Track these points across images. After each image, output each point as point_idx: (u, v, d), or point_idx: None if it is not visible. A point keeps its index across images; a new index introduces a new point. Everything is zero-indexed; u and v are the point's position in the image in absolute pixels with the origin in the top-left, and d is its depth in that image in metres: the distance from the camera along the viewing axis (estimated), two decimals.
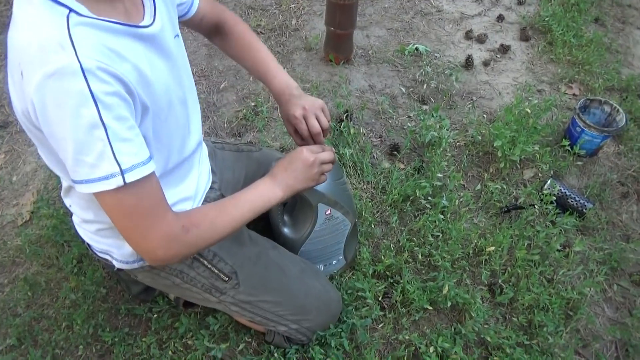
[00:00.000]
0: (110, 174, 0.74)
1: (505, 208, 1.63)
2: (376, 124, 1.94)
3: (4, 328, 1.39)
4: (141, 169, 0.77)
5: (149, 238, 0.82)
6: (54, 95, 0.69)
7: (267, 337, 1.30)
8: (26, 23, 0.72)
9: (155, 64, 0.86)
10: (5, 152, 1.88)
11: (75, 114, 0.70)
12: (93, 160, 0.73)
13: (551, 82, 2.13)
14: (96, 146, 0.72)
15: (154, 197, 0.82)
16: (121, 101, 0.74)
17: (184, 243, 0.86)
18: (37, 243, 1.56)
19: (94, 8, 0.74)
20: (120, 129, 0.73)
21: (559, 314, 1.37)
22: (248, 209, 0.95)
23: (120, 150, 0.73)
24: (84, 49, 0.70)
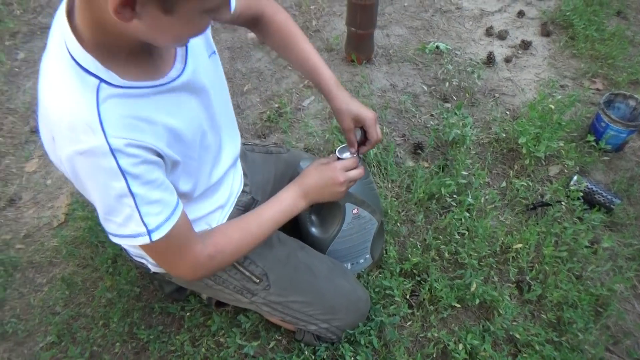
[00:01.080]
0: (137, 234, 0.79)
1: (532, 205, 1.63)
2: (399, 123, 1.95)
3: (44, 326, 1.44)
4: (167, 224, 0.81)
5: (178, 269, 0.92)
6: (84, 168, 0.74)
7: (297, 335, 1.33)
8: (56, 90, 0.73)
9: (186, 106, 0.88)
10: (39, 156, 1.94)
11: (105, 186, 0.74)
12: (121, 221, 0.78)
13: (574, 77, 2.12)
14: (124, 211, 0.77)
15: (182, 236, 0.87)
16: (150, 166, 0.78)
17: (210, 268, 0.95)
18: (73, 244, 1.61)
19: (123, 73, 0.75)
20: (148, 193, 0.78)
21: (588, 311, 1.37)
22: (271, 226, 1.02)
23: (147, 213, 0.78)
24: (113, 129, 0.72)
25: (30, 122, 2.05)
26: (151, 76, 0.80)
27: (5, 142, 1.98)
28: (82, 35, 0.71)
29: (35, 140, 1.99)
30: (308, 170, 1.10)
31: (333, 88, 1.13)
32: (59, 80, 0.73)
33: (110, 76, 0.73)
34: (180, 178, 0.90)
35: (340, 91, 1.13)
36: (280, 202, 1.04)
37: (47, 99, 0.74)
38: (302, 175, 1.09)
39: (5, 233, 1.70)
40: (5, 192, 1.82)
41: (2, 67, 2.27)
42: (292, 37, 1.15)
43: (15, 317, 1.47)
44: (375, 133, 1.13)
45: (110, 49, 0.74)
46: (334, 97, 1.12)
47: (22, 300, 1.52)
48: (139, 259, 1.13)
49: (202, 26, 0.73)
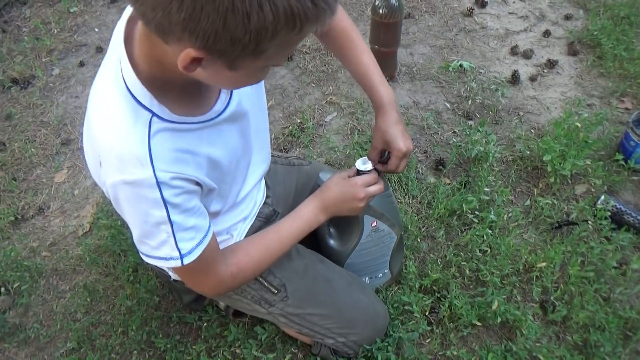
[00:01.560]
0: (169, 257, 0.82)
1: (557, 224, 1.59)
2: (421, 140, 1.94)
3: (65, 332, 1.46)
4: (198, 249, 0.84)
5: (202, 287, 0.97)
6: (128, 196, 0.76)
7: (313, 349, 1.31)
8: (109, 119, 0.74)
9: (227, 135, 0.89)
10: (68, 167, 2.00)
11: (145, 214, 0.77)
12: (155, 245, 0.81)
13: (601, 97, 2.08)
14: (160, 236, 0.80)
15: (210, 259, 0.89)
16: (189, 195, 0.81)
17: (232, 286, 1.01)
18: (96, 252, 1.65)
19: (173, 107, 0.76)
20: (184, 221, 0.80)
21: (616, 334, 1.31)
22: (291, 241, 1.05)
23: (182, 239, 0.81)
24: (161, 163, 0.74)
25: (61, 134, 2.13)
26: (199, 111, 0.82)
27: (37, 154, 2.05)
28: (138, 66, 0.73)
29: (65, 152, 2.06)
30: (328, 185, 1.11)
31: (385, 105, 1.10)
32: (112, 109, 0.74)
33: (162, 111, 0.75)
34: (213, 201, 0.93)
35: (390, 110, 1.10)
36: (300, 217, 1.07)
37: (97, 125, 0.76)
38: (323, 189, 1.10)
39: (32, 241, 1.74)
40: (34, 201, 1.88)
41: (38, 82, 2.37)
42: (354, 47, 1.13)
43: (37, 323, 1.50)
44: (395, 164, 1.11)
45: (164, 84, 0.75)
46: (382, 114, 1.10)
47: (45, 307, 1.55)
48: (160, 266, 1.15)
49: (262, 76, 0.76)
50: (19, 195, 1.90)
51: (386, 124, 1.10)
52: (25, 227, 1.79)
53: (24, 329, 1.49)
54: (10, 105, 2.27)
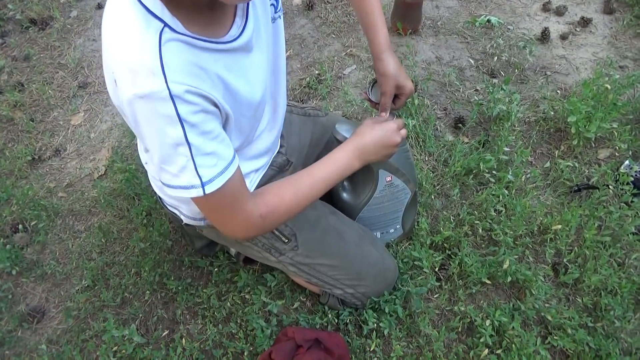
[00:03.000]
0: (190, 185, 0.78)
1: (576, 187, 1.55)
2: (441, 96, 1.89)
3: (81, 270, 1.50)
4: (221, 178, 0.80)
5: (230, 226, 0.90)
6: (144, 113, 0.73)
7: (321, 298, 1.33)
8: (119, 32, 0.72)
9: (243, 64, 0.86)
10: (85, 110, 2.00)
11: (162, 133, 0.74)
12: (175, 172, 0.78)
13: (636, 58, 1.98)
14: (179, 161, 0.76)
15: (235, 193, 0.85)
16: (207, 115, 0.77)
17: (262, 228, 0.94)
18: (111, 195, 1.67)
19: (186, 22, 0.74)
20: (203, 144, 0.77)
21: (628, 299, 1.30)
22: (323, 186, 0.99)
23: (202, 164, 0.77)
24: (173, 74, 0.71)
25: (79, 77, 2.12)
26: (214, 33, 0.79)
27: (54, 96, 2.05)
28: None
29: (82, 95, 2.06)
30: (364, 130, 1.06)
31: (385, 49, 1.12)
32: (123, 22, 0.72)
33: (175, 22, 0.72)
34: (231, 134, 0.89)
35: (390, 55, 1.12)
36: (334, 162, 1.01)
37: (109, 41, 0.74)
38: (358, 135, 1.05)
39: (49, 181, 1.77)
40: (51, 142, 1.89)
41: (55, 24, 2.35)
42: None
43: (54, 260, 1.54)
44: (403, 103, 1.18)
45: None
46: (384, 59, 1.12)
47: (62, 245, 1.59)
48: (173, 209, 1.15)
49: None
50: (36, 137, 1.91)
51: (394, 69, 1.11)
52: (42, 167, 1.82)
53: (41, 265, 1.53)
54: (28, 46, 2.26)
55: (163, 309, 1.40)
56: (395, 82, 1.12)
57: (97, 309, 1.41)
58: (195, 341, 1.32)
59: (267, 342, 1.27)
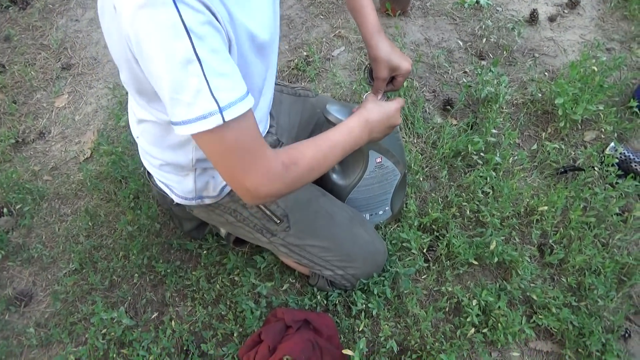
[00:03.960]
0: (208, 113, 0.71)
1: (562, 169, 1.56)
2: (430, 78, 1.88)
3: (68, 253, 1.49)
4: (239, 105, 0.74)
5: (251, 175, 0.80)
6: (146, 28, 0.68)
7: (311, 280, 1.33)
8: None
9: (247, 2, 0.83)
10: (69, 92, 1.96)
11: (169, 50, 0.68)
12: (190, 99, 0.71)
13: (622, 41, 1.99)
14: (192, 83, 0.70)
15: (253, 133, 0.79)
16: (214, 31, 0.72)
17: (285, 180, 0.84)
18: (97, 178, 1.65)
19: None
20: (215, 63, 0.71)
21: (611, 278, 1.32)
22: (340, 151, 0.94)
23: (217, 87, 0.71)
24: None
25: (61, 58, 2.07)
26: None
27: (37, 77, 2.01)
28: None
29: (65, 76, 2.01)
30: (369, 107, 1.03)
31: (374, 34, 1.11)
32: None
33: None
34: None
35: (381, 39, 1.11)
36: (349, 131, 0.97)
37: None
38: (367, 110, 1.02)
39: (34, 164, 1.74)
40: (35, 125, 1.86)
41: (36, 3, 2.28)
42: None
43: (40, 244, 1.53)
44: (401, 83, 1.17)
45: None
46: (375, 44, 1.11)
47: (48, 229, 1.57)
48: (163, 187, 1.14)
49: None
50: (19, 119, 1.88)
51: (387, 52, 1.10)
52: (26, 150, 1.78)
53: (27, 248, 1.52)
54: (9, 26, 2.20)
55: (152, 292, 1.40)
56: (388, 65, 1.11)
57: (85, 292, 1.41)
58: (185, 323, 1.33)
59: (257, 323, 1.28)
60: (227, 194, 1.11)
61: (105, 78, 1.99)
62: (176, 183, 1.09)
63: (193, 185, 1.07)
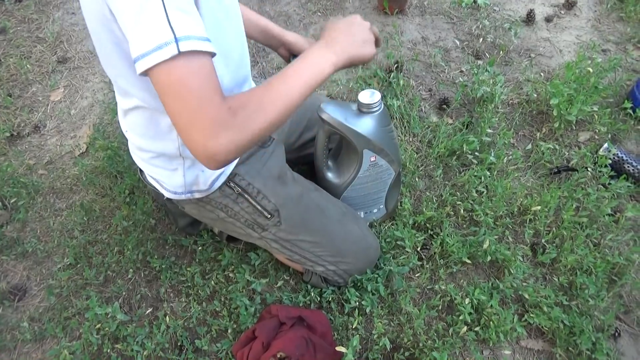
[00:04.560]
0: (164, 42, 0.69)
1: (556, 169, 1.58)
2: (427, 77, 1.89)
3: (62, 248, 1.49)
4: (198, 42, 0.72)
5: (196, 126, 0.74)
6: None
7: (304, 276, 1.34)
8: None
9: None
10: (64, 86, 1.95)
11: None
12: (148, 29, 0.70)
13: (618, 42, 2.00)
14: (151, 12, 0.70)
15: (206, 78, 0.75)
16: None
17: (233, 127, 0.76)
18: (93, 173, 1.64)
19: None
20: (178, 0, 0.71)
21: (602, 278, 1.33)
22: (297, 82, 0.86)
23: (175, 18, 0.70)
24: None
25: (57, 51, 2.06)
26: None
27: (33, 71, 2.00)
28: None
29: (61, 70, 2.01)
30: (327, 25, 0.98)
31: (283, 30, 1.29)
32: None
33: None
34: None
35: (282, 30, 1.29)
36: (303, 57, 0.90)
37: None
38: (325, 30, 0.97)
39: (29, 158, 1.74)
40: (30, 119, 1.85)
41: None
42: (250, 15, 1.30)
43: (35, 238, 1.53)
44: None
45: None
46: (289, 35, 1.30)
47: (42, 223, 1.57)
48: (154, 183, 1.14)
49: None
50: (14, 112, 1.87)
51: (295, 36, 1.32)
52: (21, 144, 1.78)
53: (22, 243, 1.52)
54: (4, 18, 2.19)
55: (146, 287, 1.40)
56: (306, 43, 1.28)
57: (80, 287, 1.41)
58: (179, 319, 1.33)
59: (251, 320, 1.28)
60: (217, 189, 1.11)
61: (101, 72, 1.99)
62: (166, 178, 1.09)
63: (182, 179, 1.07)
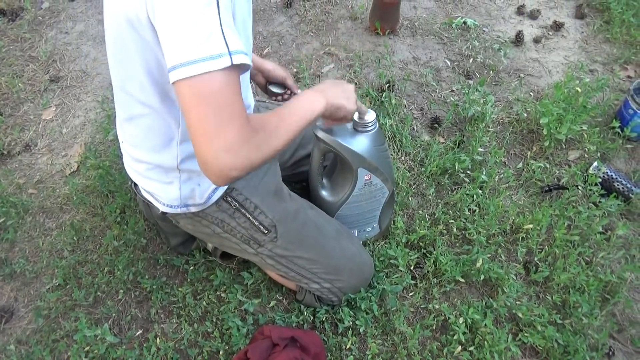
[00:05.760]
0: (218, 54, 0.73)
1: (547, 187, 1.59)
2: (418, 97, 1.91)
3: (51, 269, 1.47)
4: (243, 56, 0.77)
5: (223, 134, 0.76)
6: None
7: (298, 295, 1.33)
8: None
9: None
10: (57, 105, 1.95)
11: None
12: (205, 35, 0.73)
13: (605, 63, 2.04)
14: (209, 21, 0.73)
15: (238, 91, 0.79)
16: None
17: (252, 145, 0.80)
18: (84, 192, 1.63)
19: None
20: (226, 15, 0.76)
21: (595, 296, 1.34)
22: (300, 117, 0.95)
23: (227, 33, 0.75)
24: None
25: (50, 70, 2.06)
26: None
27: (25, 89, 2.00)
28: None
29: (54, 89, 2.00)
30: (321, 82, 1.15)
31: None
32: None
33: None
34: None
35: None
36: (303, 96, 1.01)
37: None
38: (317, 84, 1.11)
39: (19, 177, 1.72)
40: (21, 137, 1.84)
41: (26, 15, 2.28)
42: None
43: (23, 258, 1.50)
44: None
45: None
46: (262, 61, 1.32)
47: (32, 243, 1.54)
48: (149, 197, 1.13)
49: None
50: (5, 131, 1.86)
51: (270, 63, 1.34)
52: (11, 163, 1.76)
53: (10, 263, 1.49)
54: None
55: (137, 308, 1.38)
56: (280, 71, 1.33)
57: (69, 308, 1.38)
58: (170, 340, 1.31)
59: (243, 341, 1.26)
60: (214, 203, 1.11)
61: (94, 91, 1.99)
62: (161, 191, 1.09)
63: (178, 192, 1.07)
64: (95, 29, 2.23)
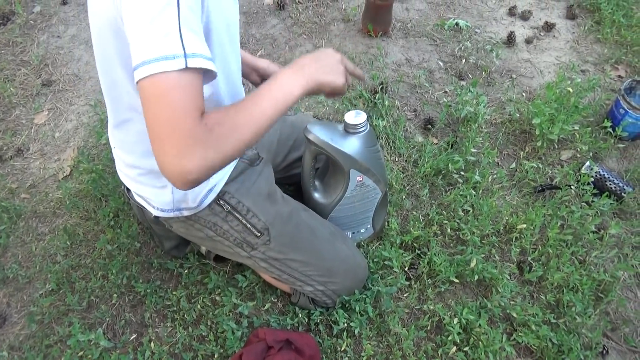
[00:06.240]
0: (172, 55, 0.71)
1: (540, 187, 1.60)
2: (411, 98, 1.91)
3: (45, 274, 1.46)
4: (203, 60, 0.74)
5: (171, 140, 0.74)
6: None
7: (292, 298, 1.33)
8: None
9: None
10: (49, 109, 1.94)
11: None
12: (161, 33, 0.71)
13: (596, 63, 2.06)
14: (167, 20, 0.71)
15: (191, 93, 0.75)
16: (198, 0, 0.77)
17: (207, 144, 0.76)
18: (77, 196, 1.62)
19: None
20: (190, 18, 0.74)
21: (588, 295, 1.34)
22: (268, 104, 0.87)
23: (187, 36, 0.73)
24: None
25: (42, 75, 2.05)
26: None
27: (17, 94, 1.99)
28: None
29: (46, 93, 2.00)
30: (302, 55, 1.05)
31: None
32: None
33: None
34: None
35: None
36: (273, 79, 0.91)
37: None
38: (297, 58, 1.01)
39: (11, 182, 1.71)
40: (13, 142, 1.83)
41: (18, 19, 2.27)
42: None
43: (16, 264, 1.49)
44: None
45: None
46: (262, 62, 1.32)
47: (24, 248, 1.54)
48: (141, 201, 1.13)
49: None
50: None
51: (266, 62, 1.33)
52: (3, 167, 1.75)
53: (2, 268, 1.48)
54: None
55: (131, 312, 1.38)
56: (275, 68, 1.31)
57: (62, 313, 1.37)
58: (165, 344, 1.30)
59: (238, 344, 1.26)
60: (206, 207, 1.10)
61: (86, 95, 1.98)
62: (154, 195, 1.08)
63: (171, 196, 1.06)
64: (87, 32, 2.23)
